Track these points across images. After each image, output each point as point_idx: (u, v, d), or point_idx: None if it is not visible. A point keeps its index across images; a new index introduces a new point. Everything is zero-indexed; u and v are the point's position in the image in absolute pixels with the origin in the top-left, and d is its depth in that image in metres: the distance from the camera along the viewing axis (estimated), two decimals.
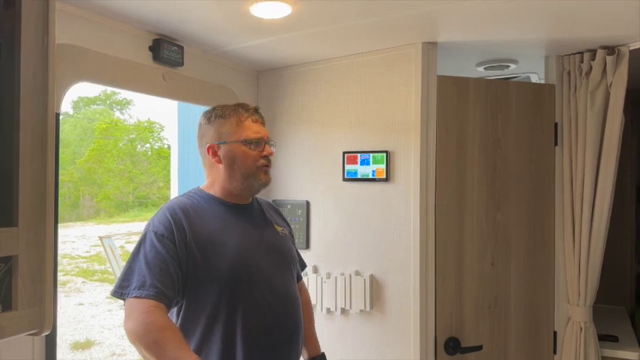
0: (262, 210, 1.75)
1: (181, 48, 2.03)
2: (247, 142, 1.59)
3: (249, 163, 1.59)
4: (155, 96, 1.97)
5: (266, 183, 1.63)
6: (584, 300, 2.21)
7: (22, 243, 1.12)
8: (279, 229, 1.74)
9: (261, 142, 1.61)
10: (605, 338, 2.37)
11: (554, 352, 2.31)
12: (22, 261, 1.12)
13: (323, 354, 1.82)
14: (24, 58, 1.16)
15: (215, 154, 1.60)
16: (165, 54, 1.95)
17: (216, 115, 1.62)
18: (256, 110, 1.66)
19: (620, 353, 2.29)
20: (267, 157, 1.62)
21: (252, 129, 1.61)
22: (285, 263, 1.67)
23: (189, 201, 1.59)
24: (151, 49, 1.93)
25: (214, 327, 1.48)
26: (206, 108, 2.38)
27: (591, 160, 2.16)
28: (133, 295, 1.36)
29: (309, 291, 2.33)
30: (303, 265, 1.96)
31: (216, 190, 1.63)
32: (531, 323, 2.29)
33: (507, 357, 2.25)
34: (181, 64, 2.04)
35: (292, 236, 1.84)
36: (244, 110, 1.62)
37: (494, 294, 2.23)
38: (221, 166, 1.60)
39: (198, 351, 1.46)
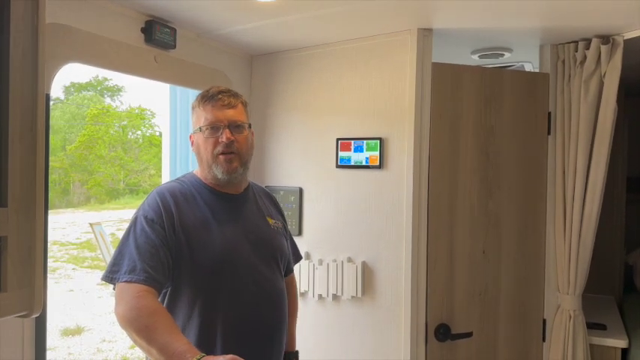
0: (256, 200, 1.72)
1: (174, 30, 2.00)
2: (202, 130, 1.54)
3: (207, 151, 1.54)
4: (146, 78, 1.95)
5: (229, 172, 1.53)
6: (573, 288, 2.23)
7: (12, 224, 1.11)
8: (271, 221, 1.71)
9: (217, 128, 1.52)
10: (594, 326, 2.39)
11: (544, 339, 2.33)
12: (12, 242, 1.11)
13: (296, 352, 1.83)
14: (13, 36, 1.14)
15: (192, 143, 1.61)
16: (158, 36, 1.92)
17: (192, 105, 1.62)
18: (220, 92, 1.55)
19: (609, 341, 2.32)
20: (226, 144, 1.51)
21: (207, 115, 1.53)
22: (272, 256, 1.65)
23: (180, 186, 1.58)
24: (143, 30, 1.90)
25: (194, 315, 1.47)
26: (198, 92, 2.36)
27: (584, 150, 2.16)
28: (124, 279, 1.35)
29: (301, 277, 2.34)
30: (298, 258, 1.94)
31: (202, 177, 1.62)
32: (521, 311, 2.31)
33: (497, 344, 2.27)
34: (174, 46, 2.01)
35: (286, 229, 1.82)
36: (202, 96, 1.57)
37: (485, 281, 2.24)
38: (196, 155, 1.61)
39: None
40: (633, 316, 2.71)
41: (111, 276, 1.38)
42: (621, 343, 2.31)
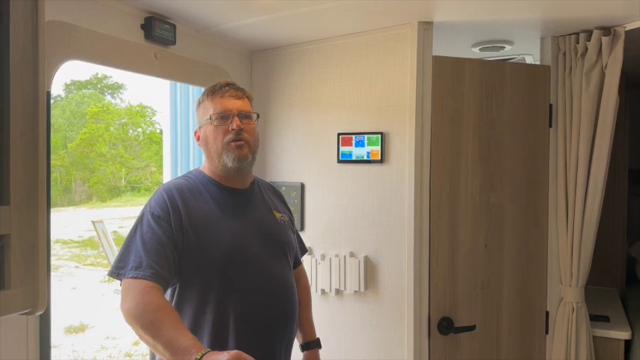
0: (262, 194, 1.73)
1: (174, 27, 1.99)
2: (211, 119, 1.56)
3: (216, 141, 1.55)
4: (147, 75, 1.95)
5: (240, 159, 1.55)
6: (576, 281, 2.23)
7: (15, 221, 1.11)
8: (278, 215, 1.72)
9: (227, 116, 1.55)
10: (597, 318, 2.39)
11: (546, 331, 2.33)
12: (15, 240, 1.11)
13: (318, 339, 1.83)
14: (13, 34, 1.14)
15: (198, 138, 1.63)
16: (158, 32, 1.91)
17: (197, 101, 1.64)
18: (227, 84, 1.59)
19: (612, 333, 2.32)
20: (236, 132, 1.54)
21: (216, 105, 1.56)
22: (281, 250, 1.66)
23: (187, 182, 1.58)
24: (142, 27, 1.90)
25: (206, 310, 1.48)
26: (199, 88, 2.36)
27: (585, 142, 2.16)
28: (130, 275, 1.36)
29: None
30: (304, 250, 1.95)
31: (208, 173, 1.63)
32: (524, 303, 2.31)
33: (500, 337, 2.27)
34: (174, 43, 2.00)
35: (292, 222, 1.83)
36: (210, 90, 1.60)
37: (488, 274, 2.25)
38: (203, 149, 1.62)
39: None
40: (636, 308, 2.71)
41: (117, 272, 1.39)
42: (624, 334, 2.31)
